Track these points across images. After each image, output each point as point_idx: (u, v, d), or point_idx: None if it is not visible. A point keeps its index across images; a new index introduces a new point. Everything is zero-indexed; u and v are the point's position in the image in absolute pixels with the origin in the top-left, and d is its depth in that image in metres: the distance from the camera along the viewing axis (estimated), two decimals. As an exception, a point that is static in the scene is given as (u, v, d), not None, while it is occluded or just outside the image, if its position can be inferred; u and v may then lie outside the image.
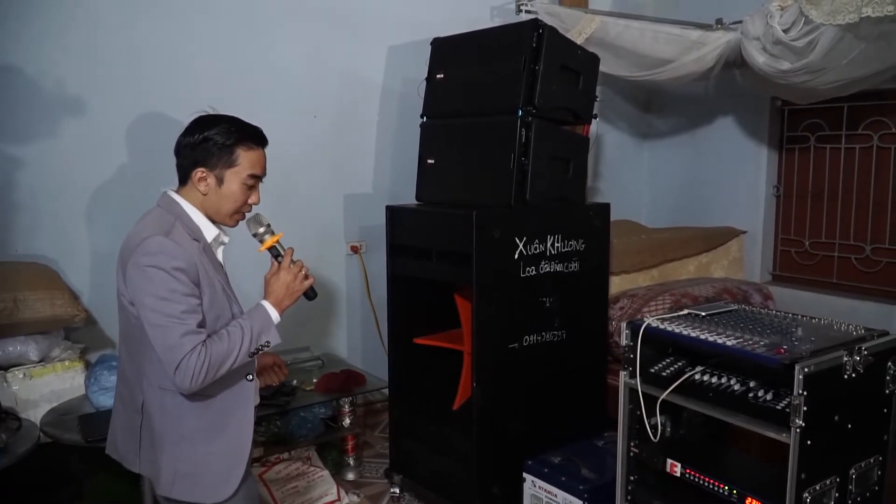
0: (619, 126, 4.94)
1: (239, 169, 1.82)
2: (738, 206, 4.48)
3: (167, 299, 1.66)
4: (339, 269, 3.96)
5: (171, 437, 1.78)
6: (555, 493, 2.61)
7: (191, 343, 1.65)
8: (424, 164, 3.22)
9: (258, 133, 1.87)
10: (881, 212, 3.89)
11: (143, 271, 1.67)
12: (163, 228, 1.74)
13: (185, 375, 1.64)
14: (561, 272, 3.05)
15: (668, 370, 2.14)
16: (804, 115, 4.18)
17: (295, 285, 1.86)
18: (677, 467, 2.12)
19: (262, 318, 1.80)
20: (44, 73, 3.08)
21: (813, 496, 1.84)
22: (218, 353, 1.68)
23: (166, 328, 1.65)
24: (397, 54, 3.99)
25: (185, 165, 1.85)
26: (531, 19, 2.97)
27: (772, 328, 2.08)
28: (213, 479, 1.80)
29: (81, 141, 3.18)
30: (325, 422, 3.44)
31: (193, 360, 1.64)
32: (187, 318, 1.67)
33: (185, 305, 1.67)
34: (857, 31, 2.80)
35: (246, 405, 1.84)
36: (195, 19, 3.41)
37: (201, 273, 1.74)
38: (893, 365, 1.99)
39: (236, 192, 1.83)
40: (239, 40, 3.53)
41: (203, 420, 1.78)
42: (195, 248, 1.76)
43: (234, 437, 1.82)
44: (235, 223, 1.91)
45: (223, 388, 1.79)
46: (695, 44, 3.48)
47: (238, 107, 3.44)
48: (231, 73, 3.51)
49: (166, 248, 1.68)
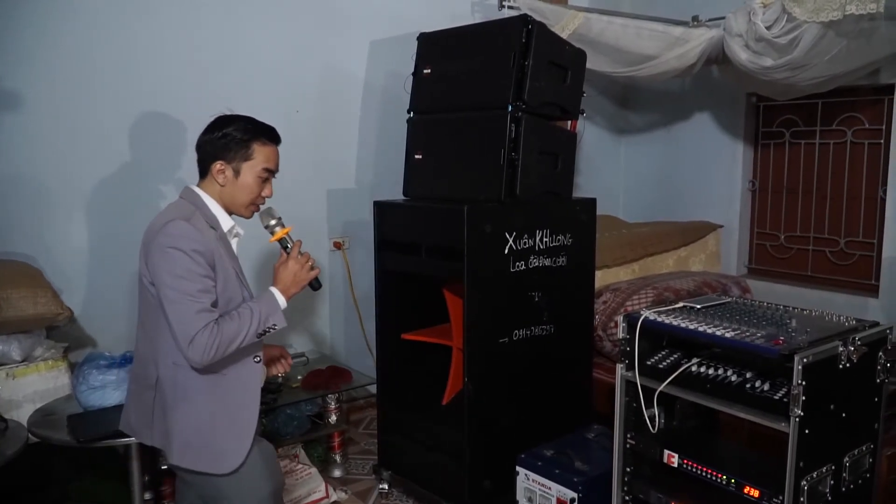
0: (596, 122, 4.97)
1: (254, 162, 1.97)
2: (714, 200, 4.56)
3: (184, 278, 1.79)
4: (322, 266, 3.92)
5: (182, 409, 1.90)
6: (549, 486, 2.63)
7: (204, 320, 1.78)
8: (412, 159, 3.20)
9: (272, 131, 2.04)
10: (854, 206, 3.99)
11: (164, 252, 1.80)
12: (184, 215, 1.88)
13: (196, 349, 1.76)
14: (549, 266, 3.07)
15: (664, 362, 2.17)
16: (779, 111, 4.27)
17: (301, 274, 2.01)
18: (675, 458, 2.14)
19: (270, 303, 1.93)
20: (18, 69, 2.99)
21: (810, 484, 1.88)
22: (228, 332, 1.81)
23: (182, 304, 1.78)
24: (380, 49, 3.96)
25: (205, 160, 2.01)
26: (520, 15, 2.97)
27: (766, 320, 2.12)
28: (220, 450, 1.92)
29: (62, 138, 3.10)
30: (312, 419, 3.42)
31: (206, 335, 1.77)
32: (202, 297, 1.80)
33: (200, 285, 1.80)
34: (839, 28, 2.86)
35: (253, 384, 1.98)
36: (177, 14, 3.34)
37: (217, 258, 1.87)
38: (884, 355, 2.05)
39: (251, 184, 1.98)
40: (222, 34, 3.47)
41: (212, 396, 1.91)
42: (212, 234, 1.90)
43: (240, 413, 1.95)
44: (251, 214, 2.05)
45: (232, 367, 1.92)
46: (678, 40, 3.52)
47: (220, 101, 3.39)
48: (213, 67, 3.46)
49: (186, 232, 1.82)
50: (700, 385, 2.06)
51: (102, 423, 2.21)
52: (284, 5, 3.64)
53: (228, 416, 1.93)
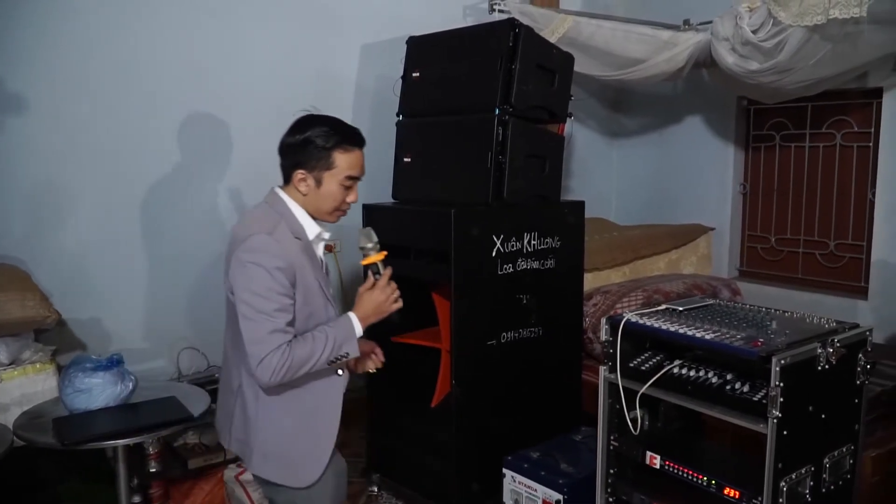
0: (588, 125, 4.99)
1: (336, 171, 1.89)
2: (706, 203, 4.58)
3: (261, 296, 1.76)
4: (314, 268, 3.93)
5: (262, 421, 1.89)
6: (534, 488, 2.64)
7: (277, 341, 1.75)
8: (401, 162, 3.22)
9: (356, 134, 1.94)
10: (844, 208, 4.00)
11: (244, 266, 1.78)
12: (266, 227, 1.83)
13: (265, 371, 1.74)
14: (537, 269, 3.08)
15: (646, 364, 2.18)
16: (769, 114, 4.28)
17: (385, 306, 1.93)
18: (657, 459, 2.16)
19: (346, 330, 1.87)
20: (6, 70, 3.00)
21: (789, 485, 1.89)
22: (299, 356, 1.77)
23: (256, 323, 1.75)
24: (371, 52, 3.97)
25: (286, 166, 1.96)
26: (507, 18, 2.99)
27: (747, 322, 2.13)
28: (299, 464, 1.91)
29: (51, 140, 3.10)
30: (302, 421, 3.42)
31: (276, 357, 1.74)
32: (277, 316, 1.76)
33: (277, 304, 1.76)
34: (824, 32, 2.88)
35: (334, 398, 1.95)
36: (169, 17, 3.35)
37: (298, 272, 1.83)
38: (864, 356, 2.06)
39: (335, 193, 1.91)
40: (214, 38, 3.48)
41: (293, 409, 1.89)
42: (296, 247, 1.85)
43: (320, 428, 1.93)
44: (336, 219, 1.98)
45: (314, 381, 1.89)
46: (666, 44, 3.54)
47: (213, 105, 3.50)
48: (206, 71, 3.47)
49: (268, 247, 1.78)
50: (682, 387, 2.07)
51: (87, 425, 2.21)
52: (277, 8, 3.65)
53: (308, 430, 1.92)
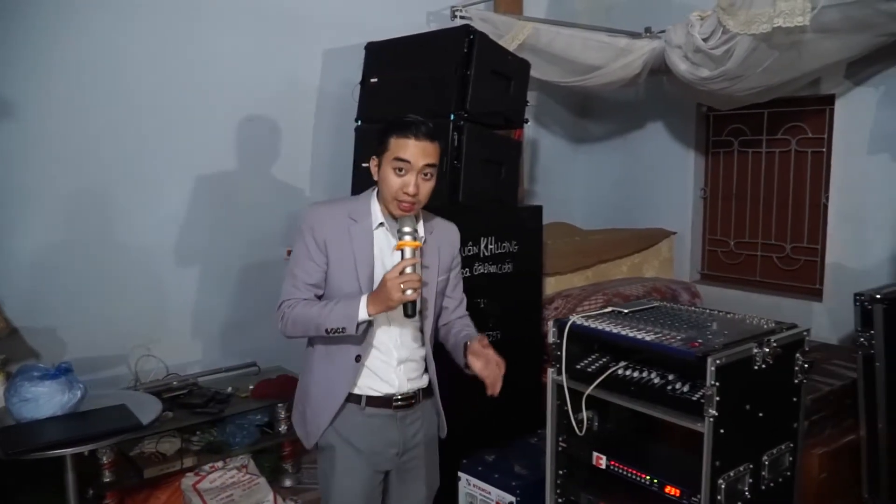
0: (554, 131, 5.05)
1: (388, 154, 1.95)
2: (668, 207, 4.64)
3: (294, 257, 2.01)
4: (276, 274, 3.90)
5: (301, 373, 2.16)
6: (488, 491, 2.66)
7: (289, 294, 1.98)
8: (359, 167, 3.24)
9: (410, 125, 1.97)
10: (799, 212, 4.08)
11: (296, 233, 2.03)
12: (330, 204, 2.08)
13: (278, 316, 1.99)
14: (495, 273, 3.11)
15: (593, 366, 2.21)
16: (728, 120, 4.36)
17: (392, 292, 1.83)
18: (602, 460, 2.19)
19: (350, 307, 1.91)
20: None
21: (727, 482, 1.92)
22: (299, 314, 1.94)
23: (286, 278, 2.01)
24: (334, 58, 3.99)
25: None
26: (462, 25, 3.02)
27: (689, 323, 2.17)
28: (307, 427, 2.09)
29: (3, 143, 3.07)
30: (262, 428, 3.41)
31: (284, 309, 1.97)
32: (298, 275, 1.98)
33: (300, 266, 1.98)
34: (771, 40, 2.94)
35: (344, 381, 2.02)
36: (132, 22, 3.33)
37: (331, 246, 1.97)
38: (801, 356, 2.10)
39: (389, 177, 1.94)
40: (177, 42, 3.46)
41: (310, 375, 2.08)
42: (343, 224, 1.99)
43: (321, 402, 2.05)
44: (397, 211, 1.96)
45: (335, 359, 2.03)
46: (622, 51, 3.60)
47: (174, 109, 3.49)
48: (169, 75, 3.45)
49: (311, 216, 2.00)
50: (625, 388, 2.10)
51: (32, 435, 2.19)
52: (239, 14, 3.65)
53: (313, 401, 2.07)
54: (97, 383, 3.19)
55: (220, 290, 3.74)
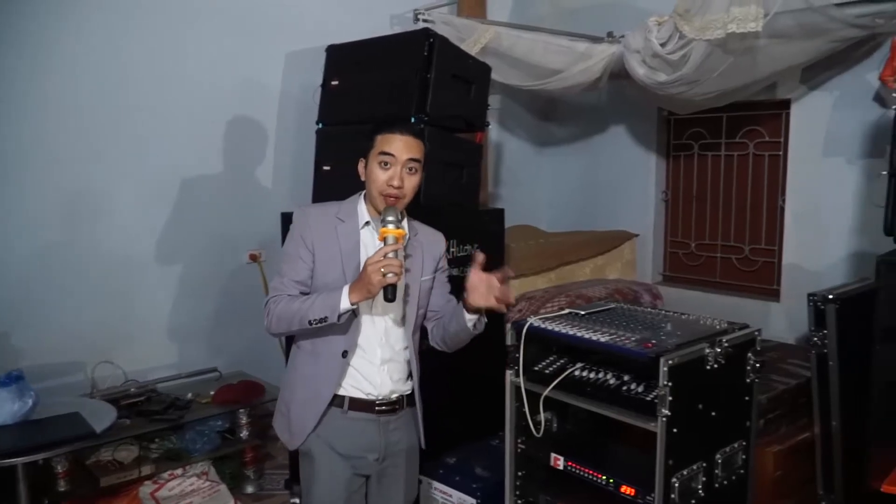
0: (518, 134, 5.08)
1: (375, 150, 2.00)
2: (630, 210, 4.69)
3: (286, 253, 2.04)
4: (239, 278, 3.89)
5: (285, 374, 2.16)
6: (450, 494, 2.66)
7: (275, 291, 2.00)
8: (320, 170, 3.22)
9: (395, 120, 2.12)
10: (757, 215, 4.16)
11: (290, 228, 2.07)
12: (319, 205, 2.15)
13: (264, 313, 1.99)
14: (457, 276, 3.10)
15: (550, 368, 2.22)
16: (688, 124, 4.42)
17: (371, 276, 1.82)
18: (560, 461, 2.20)
19: (332, 297, 1.91)
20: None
21: (681, 481, 1.95)
22: (284, 309, 1.94)
23: (275, 277, 2.05)
24: (296, 60, 3.97)
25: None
26: (422, 29, 3.03)
27: (644, 324, 2.20)
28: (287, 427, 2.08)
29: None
30: (223, 434, 3.37)
31: (270, 304, 1.98)
32: (286, 273, 2.01)
33: (289, 264, 2.01)
34: (725, 46, 3.00)
35: (329, 380, 2.02)
36: (92, 23, 3.28)
37: (318, 244, 2.01)
38: (753, 355, 2.14)
39: (375, 171, 1.99)
40: (134, 43, 3.42)
41: (299, 376, 2.07)
42: (331, 224, 2.03)
43: (307, 402, 2.03)
44: (384, 205, 1.99)
45: (321, 355, 2.02)
46: (582, 55, 3.63)
47: (132, 112, 3.43)
48: (130, 77, 3.41)
49: (300, 216, 2.05)
50: (582, 389, 2.12)
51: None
52: (200, 15, 3.61)
53: (298, 399, 2.05)
54: (53, 391, 3.12)
55: (181, 294, 3.69)
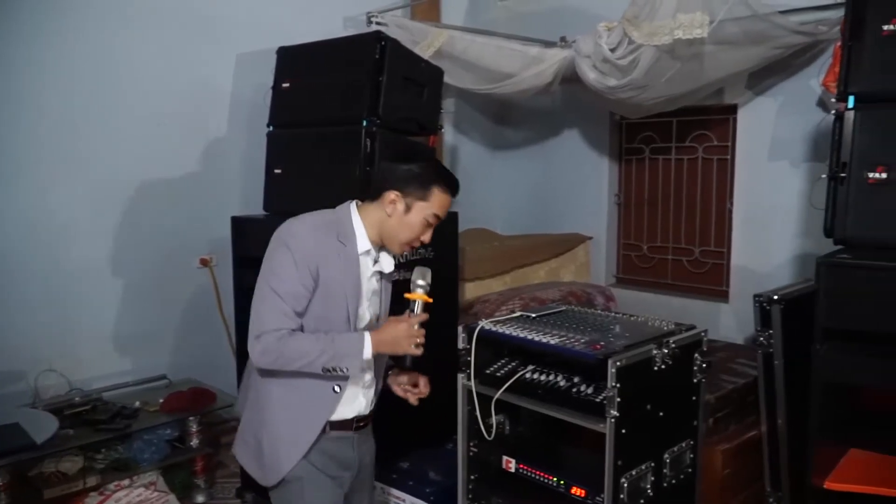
0: (473, 137, 5.09)
1: (427, 205, 1.88)
2: (584, 213, 4.74)
3: (279, 276, 1.77)
4: (189, 284, 3.81)
5: (252, 404, 1.93)
6: (403, 498, 2.64)
7: (279, 323, 1.75)
8: (272, 173, 3.18)
9: (456, 182, 1.94)
10: (707, 217, 4.24)
11: (276, 245, 1.82)
12: (315, 219, 1.88)
13: (257, 348, 1.74)
14: (404, 280, 3.09)
15: (502, 370, 2.22)
16: (640, 128, 4.49)
17: (403, 342, 1.86)
18: (511, 463, 2.20)
19: (354, 345, 1.81)
20: None
21: (630, 481, 1.97)
22: (294, 348, 1.75)
23: (266, 299, 1.77)
24: (247, 61, 3.91)
25: (381, 186, 1.90)
26: (373, 31, 3.02)
27: (593, 326, 2.21)
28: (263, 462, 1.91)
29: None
30: (172, 443, 3.30)
31: (272, 339, 1.74)
32: (287, 300, 1.77)
33: (291, 288, 1.77)
34: (673, 51, 3.05)
35: (320, 412, 1.90)
36: (36, 21, 3.18)
37: (322, 271, 1.81)
38: (699, 356, 2.18)
39: (416, 225, 1.89)
40: (81, 41, 3.33)
41: (277, 405, 1.87)
42: (334, 248, 1.84)
43: (291, 434, 1.89)
44: (401, 252, 1.97)
45: (311, 385, 1.86)
46: (534, 60, 3.66)
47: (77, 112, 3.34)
48: (72, 76, 3.32)
49: (301, 234, 1.82)
50: (533, 391, 2.13)
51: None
52: (149, 15, 3.54)
53: (280, 431, 1.88)
54: (-8, 401, 3.03)
55: (129, 300, 3.61)
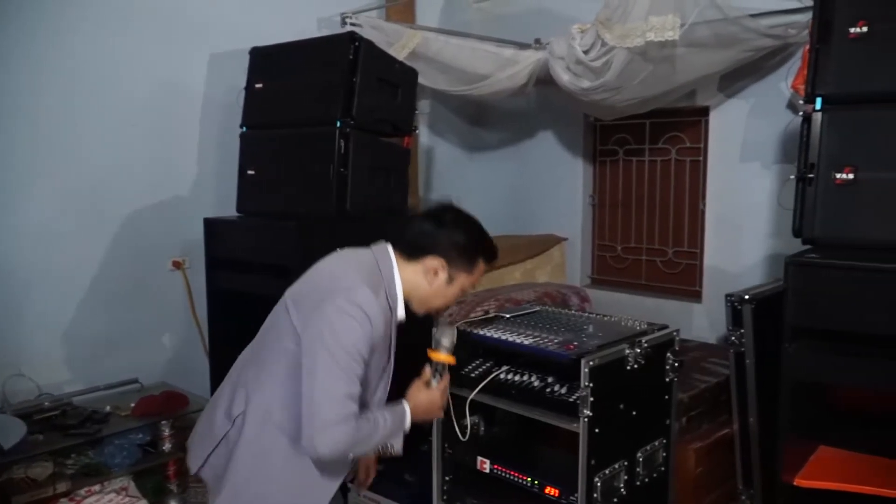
0: (449, 139, 5.09)
1: (470, 277, 1.84)
2: (559, 214, 4.76)
3: (349, 353, 1.61)
4: (161, 287, 3.76)
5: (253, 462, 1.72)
6: (378, 501, 2.63)
7: (347, 408, 1.60)
8: (245, 175, 3.16)
9: (496, 251, 1.91)
10: (680, 218, 4.28)
11: (342, 315, 1.62)
12: (372, 285, 1.70)
13: (327, 438, 1.58)
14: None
15: (476, 371, 2.23)
16: (613, 130, 4.52)
17: (436, 411, 1.90)
18: (486, 464, 2.21)
19: (400, 422, 1.78)
20: None
21: (603, 480, 1.98)
22: (364, 434, 1.65)
23: (333, 379, 1.59)
24: (220, 62, 3.87)
25: (423, 247, 1.81)
26: (347, 32, 3.01)
27: (567, 327, 2.23)
28: None
29: None
30: (144, 448, 3.25)
31: (345, 429, 1.59)
32: (354, 382, 1.63)
33: (358, 369, 1.63)
34: (645, 54, 3.08)
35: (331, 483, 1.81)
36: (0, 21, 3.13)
37: (378, 341, 1.72)
38: (672, 355, 2.20)
39: (454, 294, 1.85)
40: (47, 40, 3.26)
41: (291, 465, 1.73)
42: (385, 317, 1.73)
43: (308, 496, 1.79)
44: (424, 311, 1.91)
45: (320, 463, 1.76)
46: (508, 61, 3.67)
47: (47, 115, 3.28)
48: (37, 75, 3.25)
49: (372, 309, 1.65)
50: (507, 391, 2.13)
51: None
52: (122, 16, 3.48)
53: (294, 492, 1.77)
54: (-44, 407, 2.96)
55: (100, 303, 3.54)
